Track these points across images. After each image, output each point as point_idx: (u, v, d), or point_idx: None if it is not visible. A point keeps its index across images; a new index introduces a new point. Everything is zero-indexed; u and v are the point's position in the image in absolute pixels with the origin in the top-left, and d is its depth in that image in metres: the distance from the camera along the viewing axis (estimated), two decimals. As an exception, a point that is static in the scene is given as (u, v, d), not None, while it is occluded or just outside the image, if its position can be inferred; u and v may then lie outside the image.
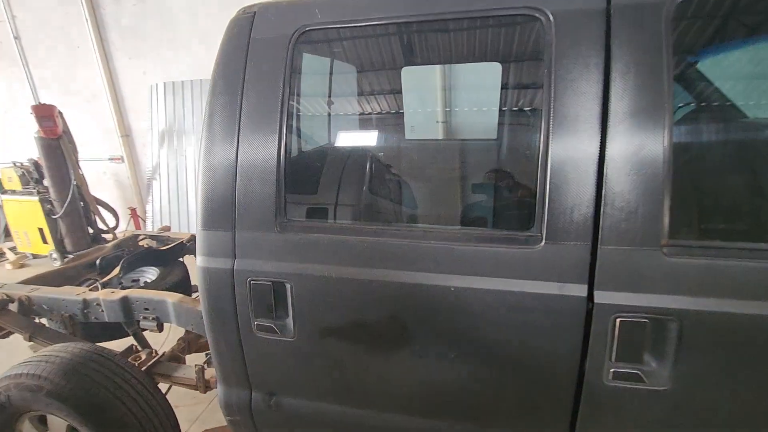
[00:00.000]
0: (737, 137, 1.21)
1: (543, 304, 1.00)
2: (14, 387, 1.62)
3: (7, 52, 5.54)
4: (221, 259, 1.21)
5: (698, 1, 0.92)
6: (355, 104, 1.95)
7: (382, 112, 1.97)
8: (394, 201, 1.59)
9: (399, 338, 1.14)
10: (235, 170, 1.18)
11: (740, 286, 0.89)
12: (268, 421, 1.34)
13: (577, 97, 0.97)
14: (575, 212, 0.96)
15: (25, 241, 5.13)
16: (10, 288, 2.32)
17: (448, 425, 1.18)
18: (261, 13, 1.22)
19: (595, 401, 1.02)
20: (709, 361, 0.93)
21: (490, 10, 1.06)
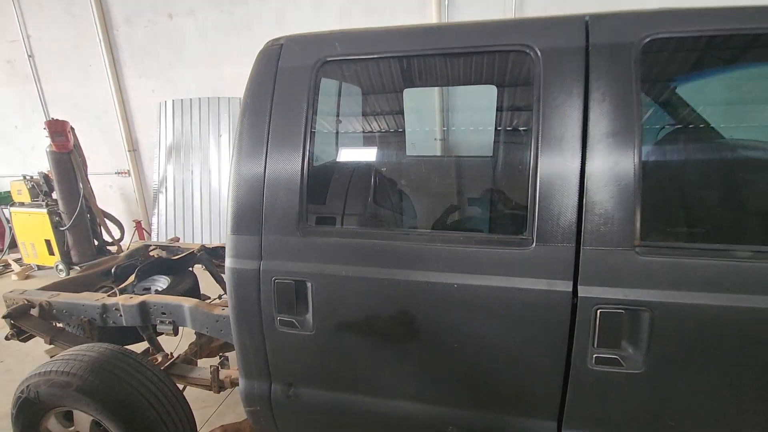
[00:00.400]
0: (696, 154, 1.39)
1: (534, 298, 1.15)
2: (44, 383, 1.73)
3: (21, 70, 5.73)
4: (249, 260, 1.35)
5: (661, 42, 1.10)
6: (367, 123, 2.13)
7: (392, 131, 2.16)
8: (403, 209, 1.75)
9: (408, 331, 1.27)
10: (263, 182, 1.34)
11: (702, 281, 1.04)
12: (286, 411, 1.46)
13: (561, 120, 1.14)
14: (561, 218, 1.12)
15: (32, 253, 5.22)
16: (31, 294, 2.44)
17: (451, 411, 1.31)
18: (287, 45, 1.39)
19: (581, 384, 1.16)
20: (678, 346, 1.08)
21: (489, 46, 1.24)
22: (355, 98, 2.12)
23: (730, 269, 1.03)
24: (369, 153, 2.23)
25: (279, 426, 1.51)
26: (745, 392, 1.07)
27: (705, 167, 1.33)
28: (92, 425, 1.78)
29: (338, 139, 2.18)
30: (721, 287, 1.03)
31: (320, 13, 4.70)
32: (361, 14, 4.59)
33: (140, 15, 5.17)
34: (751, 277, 1.02)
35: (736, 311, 1.02)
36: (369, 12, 4.57)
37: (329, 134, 1.97)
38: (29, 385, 1.76)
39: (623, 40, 1.11)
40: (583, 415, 1.20)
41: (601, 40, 1.13)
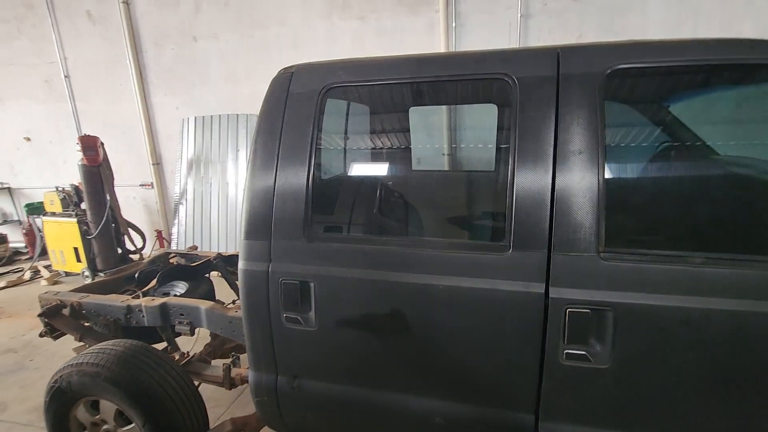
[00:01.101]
0: (654, 169, 1.51)
1: (512, 299, 1.28)
2: (76, 374, 1.91)
3: (57, 89, 6.16)
4: (259, 262, 1.52)
5: (621, 73, 1.25)
6: (366, 140, 2.33)
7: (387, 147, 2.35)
8: (398, 218, 1.90)
9: (400, 329, 1.41)
10: (273, 193, 1.51)
11: (660, 284, 1.16)
12: (291, 401, 1.60)
13: (534, 140, 1.28)
14: (534, 227, 1.26)
15: (60, 260, 5.54)
16: (63, 295, 2.66)
17: (438, 403, 1.44)
18: (297, 73, 1.59)
19: (555, 378, 1.28)
20: (639, 343, 1.19)
21: (473, 75, 1.41)
22: (360, 118, 2.31)
23: (685, 273, 1.15)
24: (372, 167, 2.42)
25: (283, 415, 1.65)
26: (701, 386, 1.17)
27: (662, 181, 1.45)
28: (116, 414, 1.95)
29: (345, 155, 2.37)
30: (676, 289, 1.15)
31: (334, 36, 4.97)
32: (372, 37, 4.84)
33: (167, 38, 5.54)
34: (703, 281, 1.13)
35: (690, 311, 1.14)
36: (380, 34, 4.82)
37: (336, 150, 2.15)
38: (62, 375, 1.95)
39: (589, 70, 1.26)
40: (558, 408, 1.31)
41: (570, 70, 1.29)
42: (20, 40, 6.13)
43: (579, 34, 4.35)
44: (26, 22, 6.01)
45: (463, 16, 4.54)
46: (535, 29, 4.42)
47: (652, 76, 1.36)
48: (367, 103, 2.16)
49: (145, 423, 1.86)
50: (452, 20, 4.56)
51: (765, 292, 1.09)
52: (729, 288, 1.11)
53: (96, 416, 2.01)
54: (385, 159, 2.40)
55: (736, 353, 1.13)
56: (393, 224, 1.86)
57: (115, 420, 1.96)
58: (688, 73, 1.32)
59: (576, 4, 4.26)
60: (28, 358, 3.64)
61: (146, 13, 5.54)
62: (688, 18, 4.01)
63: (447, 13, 4.53)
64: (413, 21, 4.69)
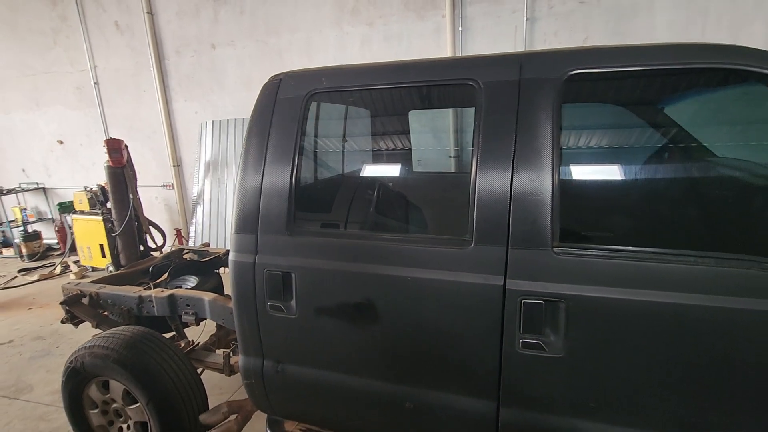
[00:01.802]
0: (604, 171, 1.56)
1: (473, 290, 1.36)
2: (88, 355, 2.10)
3: (87, 95, 6.55)
4: (247, 254, 1.65)
5: (578, 79, 1.31)
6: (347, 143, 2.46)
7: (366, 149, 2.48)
8: (371, 215, 2.01)
9: (372, 317, 1.52)
10: (260, 191, 1.65)
11: (608, 277, 1.22)
12: (275, 384, 1.73)
13: (496, 141, 1.37)
14: (494, 223, 1.34)
15: (87, 256, 5.88)
16: (83, 286, 2.87)
17: (408, 389, 1.53)
18: (284, 80, 1.72)
19: (512, 365, 1.35)
20: (590, 333, 1.26)
21: (443, 80, 1.50)
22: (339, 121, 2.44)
23: (632, 267, 1.20)
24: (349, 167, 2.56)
25: (269, 397, 1.77)
26: (647, 373, 1.22)
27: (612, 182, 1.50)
28: (123, 393, 2.13)
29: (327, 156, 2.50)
30: (624, 283, 1.21)
31: (344, 41, 5.12)
32: (380, 41, 4.97)
33: (188, 46, 5.83)
34: (649, 274, 1.19)
35: (637, 303, 1.19)
36: (388, 39, 4.94)
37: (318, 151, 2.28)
38: (77, 356, 2.14)
39: (548, 75, 1.34)
40: (517, 395, 1.39)
41: (531, 75, 1.36)
42: (55, 50, 6.56)
43: (585, 36, 4.35)
44: (61, 33, 6.43)
45: (470, 20, 4.61)
46: (541, 32, 4.45)
47: (608, 80, 1.42)
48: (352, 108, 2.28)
49: (149, 402, 2.02)
50: (459, 24, 4.63)
51: (704, 285, 1.14)
52: (671, 281, 1.16)
53: (106, 395, 2.19)
54: (365, 161, 2.52)
55: (678, 342, 1.17)
56: (367, 220, 1.97)
57: (122, 399, 2.14)
58: (642, 77, 1.37)
59: (582, 7, 4.27)
60: (54, 345, 3.91)
61: (168, 23, 5.85)
62: (696, 19, 3.96)
63: (453, 17, 4.61)
64: (420, 25, 4.79)
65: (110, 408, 2.22)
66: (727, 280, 1.13)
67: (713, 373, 1.17)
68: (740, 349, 1.13)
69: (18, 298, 5.30)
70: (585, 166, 1.57)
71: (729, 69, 1.17)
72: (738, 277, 1.13)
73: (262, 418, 2.27)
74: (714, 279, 1.14)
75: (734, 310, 1.12)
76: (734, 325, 1.13)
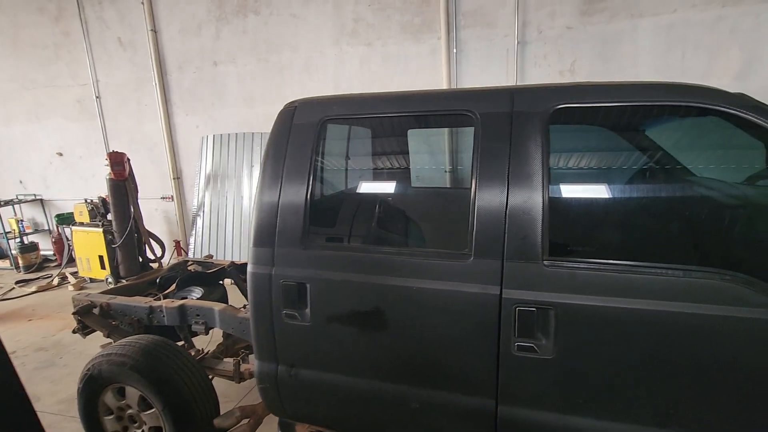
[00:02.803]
0: (589, 192, 1.75)
1: (472, 299, 1.52)
2: (106, 363, 2.20)
3: (88, 109, 6.67)
4: (264, 266, 1.80)
5: (565, 112, 1.50)
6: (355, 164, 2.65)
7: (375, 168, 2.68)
8: (381, 230, 2.17)
9: (380, 323, 1.66)
10: (278, 208, 1.80)
11: (592, 287, 1.39)
12: (289, 388, 1.85)
13: (492, 165, 1.54)
14: (491, 239, 1.51)
15: (86, 267, 5.93)
16: (94, 296, 2.97)
17: (415, 390, 1.67)
18: (300, 107, 1.88)
19: (508, 367, 1.51)
20: (576, 336, 1.42)
21: (443, 111, 1.68)
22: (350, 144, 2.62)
23: (613, 278, 1.37)
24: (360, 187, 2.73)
25: (283, 400, 1.90)
26: (628, 373, 1.39)
27: (595, 202, 1.69)
28: (139, 399, 2.23)
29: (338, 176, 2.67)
30: (606, 291, 1.38)
31: (343, 61, 5.33)
32: (378, 61, 5.19)
33: (190, 62, 6.00)
34: (630, 284, 1.36)
35: (617, 310, 1.36)
36: (385, 59, 5.16)
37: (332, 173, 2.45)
38: (94, 364, 2.24)
39: (537, 108, 1.52)
40: (514, 394, 1.54)
41: (522, 107, 1.55)
42: (57, 64, 6.68)
43: (573, 60, 4.61)
44: (63, 48, 6.57)
45: (463, 42, 4.85)
46: (532, 55, 4.70)
47: (590, 113, 1.61)
48: (360, 132, 2.47)
49: (164, 407, 2.13)
50: (453, 46, 4.87)
51: (674, 294, 1.31)
52: (647, 290, 1.34)
53: (122, 401, 2.28)
54: (371, 179, 2.70)
55: (655, 344, 1.34)
56: (377, 234, 2.13)
57: (138, 405, 2.23)
58: (619, 111, 1.57)
59: (569, 32, 4.53)
60: (57, 356, 3.97)
61: (171, 40, 6.02)
62: (677, 46, 4.23)
63: (448, 39, 4.85)
64: (417, 47, 5.02)
65: (125, 414, 2.31)
66: (694, 289, 1.31)
67: (684, 370, 1.33)
68: (705, 348, 1.30)
69: (17, 309, 5.33)
70: (571, 188, 1.75)
71: (690, 107, 1.36)
72: (702, 287, 1.30)
73: (271, 422, 2.38)
74: (682, 288, 1.31)
75: (699, 315, 1.30)
76: (700, 328, 1.30)
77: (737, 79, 4.12)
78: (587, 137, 1.72)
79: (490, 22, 4.72)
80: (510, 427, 1.56)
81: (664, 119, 1.65)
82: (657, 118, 1.70)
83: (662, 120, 1.67)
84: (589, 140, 1.72)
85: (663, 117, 1.63)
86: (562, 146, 1.73)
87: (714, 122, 1.51)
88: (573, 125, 1.68)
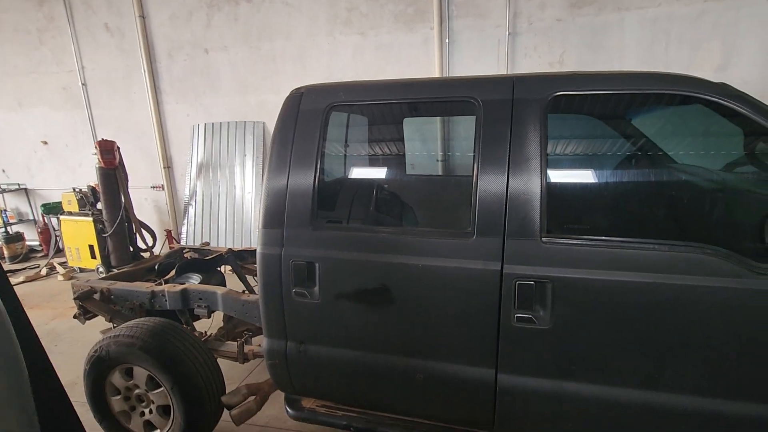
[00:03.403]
0: (584, 174, 1.87)
1: (475, 275, 1.62)
2: (113, 344, 2.25)
3: (74, 96, 6.53)
4: (274, 247, 1.86)
5: (564, 99, 1.59)
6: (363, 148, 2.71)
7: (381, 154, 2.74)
8: (387, 211, 2.26)
9: (387, 299, 1.75)
10: (286, 191, 1.86)
11: (586, 261, 1.50)
12: (298, 363, 1.94)
13: (493, 149, 1.63)
14: (492, 218, 1.60)
15: (76, 257, 5.87)
16: (93, 282, 2.99)
17: (419, 362, 1.77)
18: (306, 94, 1.94)
19: (509, 338, 1.62)
20: (572, 308, 1.53)
21: (448, 97, 1.76)
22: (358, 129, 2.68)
23: (605, 253, 1.49)
24: (366, 171, 2.80)
25: (291, 376, 1.98)
26: (620, 341, 1.51)
27: (589, 183, 1.80)
28: (147, 379, 2.28)
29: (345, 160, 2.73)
30: (599, 265, 1.49)
31: (336, 50, 5.34)
32: (372, 51, 5.22)
33: (180, 50, 5.93)
34: (620, 259, 1.47)
35: (610, 283, 1.48)
36: (379, 48, 5.19)
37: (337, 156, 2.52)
38: (101, 345, 2.28)
39: (536, 96, 1.62)
40: (513, 363, 1.65)
41: (522, 95, 1.64)
42: (41, 50, 6.51)
43: (563, 51, 4.72)
44: (47, 33, 6.40)
45: (456, 33, 4.92)
46: (522, 46, 4.80)
47: (587, 101, 1.71)
48: (367, 117, 2.53)
49: (173, 386, 2.19)
50: (446, 36, 4.94)
51: (660, 266, 1.44)
52: (636, 264, 1.45)
53: (129, 381, 2.34)
54: (378, 164, 2.78)
55: (644, 313, 1.46)
56: (383, 215, 2.21)
57: (146, 384, 2.29)
58: (612, 98, 1.67)
59: (559, 24, 4.64)
60: (53, 344, 3.96)
61: (161, 26, 5.93)
62: (661, 38, 4.38)
63: (441, 29, 4.91)
64: (410, 36, 5.07)
65: (132, 394, 2.37)
66: (679, 262, 1.43)
67: (669, 336, 1.46)
68: (688, 314, 1.43)
69: (6, 299, 5.25)
70: (567, 171, 1.87)
71: (676, 94, 1.48)
72: (686, 260, 1.43)
73: (275, 400, 2.47)
74: (668, 261, 1.43)
75: (683, 286, 1.42)
76: (684, 297, 1.42)
77: (718, 71, 4.30)
78: (583, 124, 1.83)
79: (482, 12, 4.79)
80: (508, 393, 1.68)
81: (653, 107, 1.76)
82: (646, 107, 1.81)
83: (651, 108, 1.78)
84: (584, 127, 1.83)
85: (652, 105, 1.74)
86: (560, 132, 1.84)
87: (699, 111, 1.63)
88: (570, 112, 1.79)
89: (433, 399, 1.81)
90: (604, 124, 1.84)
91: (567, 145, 1.92)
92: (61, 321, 4.44)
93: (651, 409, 1.52)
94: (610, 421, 1.58)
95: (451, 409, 1.81)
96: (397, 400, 1.87)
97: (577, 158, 1.93)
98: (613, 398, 1.55)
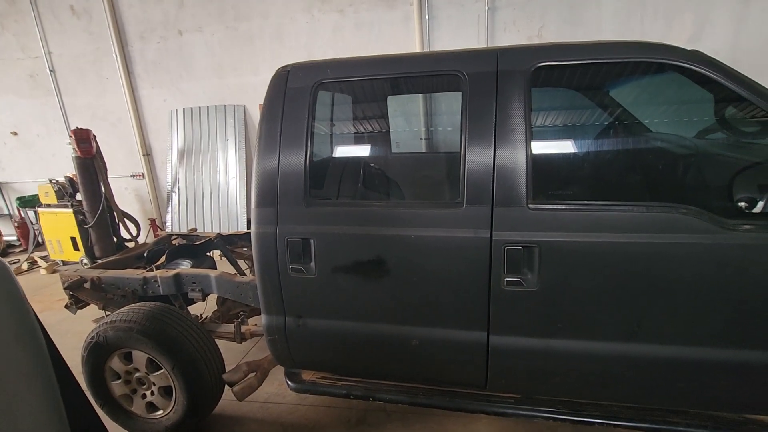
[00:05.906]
0: (567, 144, 1.95)
1: (466, 242, 1.69)
2: (111, 329, 2.26)
3: (43, 83, 6.27)
4: (269, 225, 1.89)
5: (545, 71, 1.64)
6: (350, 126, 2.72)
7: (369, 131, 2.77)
8: (378, 186, 2.30)
9: (381, 271, 1.81)
10: (278, 169, 1.88)
11: (571, 225, 1.59)
12: (297, 337, 2.00)
13: (480, 122, 1.68)
14: (481, 188, 1.67)
15: (58, 249, 5.75)
16: (82, 272, 2.97)
17: (414, 329, 1.85)
18: (293, 71, 1.94)
19: (499, 300, 1.70)
20: (558, 269, 1.62)
21: (433, 71, 1.79)
22: (346, 107, 2.69)
23: (588, 217, 1.57)
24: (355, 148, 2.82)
25: (291, 350, 2.04)
26: (603, 299, 1.61)
27: (572, 152, 1.89)
28: (147, 362, 2.31)
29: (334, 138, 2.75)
30: (582, 228, 1.58)
31: (315, 28, 5.25)
32: (352, 29, 5.15)
33: (153, 32, 5.72)
34: (602, 221, 1.56)
35: (593, 244, 1.57)
36: (359, 26, 5.13)
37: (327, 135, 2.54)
38: (99, 332, 2.29)
39: (519, 67, 1.66)
40: (503, 324, 1.74)
41: (506, 67, 1.68)
42: (4, 36, 6.20)
43: (541, 25, 4.76)
44: (9, 17, 6.08)
45: (436, 9, 4.89)
46: (501, 21, 4.80)
47: (568, 71, 1.77)
48: (352, 95, 2.54)
49: (174, 367, 2.23)
50: (425, 13, 4.90)
51: (639, 226, 1.53)
52: (616, 225, 1.55)
53: (129, 365, 2.36)
54: (366, 141, 2.80)
55: (623, 270, 1.56)
56: (374, 190, 2.26)
57: (146, 367, 2.32)
58: (592, 68, 1.73)
59: (538, -3, 4.65)
60: (42, 336, 3.92)
61: (130, 7, 5.70)
62: (636, 10, 4.45)
63: (420, 6, 4.87)
64: (389, 14, 5.01)
65: (133, 377, 2.40)
66: (656, 221, 1.53)
67: (649, 291, 1.57)
68: (665, 269, 1.54)
69: (-12, 295, 5.14)
70: (551, 141, 1.93)
71: (652, 62, 1.54)
72: (662, 219, 1.52)
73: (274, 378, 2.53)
74: (645, 221, 1.53)
75: (661, 243, 1.52)
76: (662, 254, 1.53)
77: (692, 42, 4.41)
78: (565, 96, 1.89)
79: (462, -13, 4.77)
80: (500, 353, 1.78)
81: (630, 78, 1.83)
82: (623, 77, 1.88)
83: (627, 79, 1.85)
84: (566, 99, 1.89)
85: (629, 75, 1.81)
86: (543, 104, 1.90)
87: (673, 79, 1.70)
88: (552, 84, 1.84)
89: (429, 363, 1.90)
90: (583, 96, 1.91)
91: (550, 117, 1.99)
92: (49, 314, 4.38)
93: (633, 360, 1.64)
94: (594, 374, 1.70)
95: (446, 371, 1.90)
96: (394, 367, 1.96)
97: (560, 129, 2.01)
98: (597, 352, 1.67)
